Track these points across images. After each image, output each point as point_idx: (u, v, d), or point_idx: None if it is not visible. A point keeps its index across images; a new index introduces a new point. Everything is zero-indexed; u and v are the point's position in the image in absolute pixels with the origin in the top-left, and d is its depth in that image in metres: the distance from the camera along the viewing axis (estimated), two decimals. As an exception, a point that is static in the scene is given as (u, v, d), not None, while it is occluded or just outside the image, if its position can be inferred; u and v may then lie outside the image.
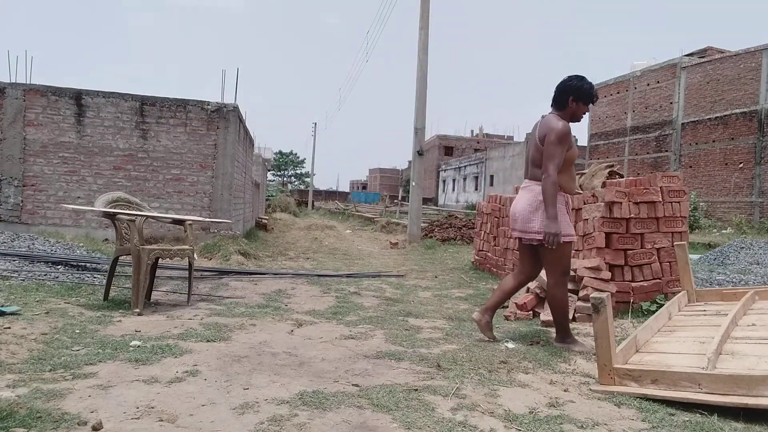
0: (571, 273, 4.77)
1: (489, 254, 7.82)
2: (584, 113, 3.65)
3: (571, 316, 4.39)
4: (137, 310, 4.22)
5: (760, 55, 21.18)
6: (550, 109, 3.67)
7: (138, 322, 3.91)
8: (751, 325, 3.43)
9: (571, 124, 3.58)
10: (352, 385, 2.72)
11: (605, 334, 2.75)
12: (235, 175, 9.56)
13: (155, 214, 5.27)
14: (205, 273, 6.67)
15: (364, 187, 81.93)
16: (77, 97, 8.78)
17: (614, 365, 2.77)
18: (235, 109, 9.32)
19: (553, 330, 4.15)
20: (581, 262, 4.83)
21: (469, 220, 13.76)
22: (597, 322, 2.77)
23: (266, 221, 15.81)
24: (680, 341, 3.29)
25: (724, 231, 17.82)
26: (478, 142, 56.79)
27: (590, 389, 2.80)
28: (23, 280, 5.04)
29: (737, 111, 21.76)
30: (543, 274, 4.84)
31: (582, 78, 3.60)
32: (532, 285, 4.88)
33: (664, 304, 4.21)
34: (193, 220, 5.38)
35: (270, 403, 2.42)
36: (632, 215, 4.81)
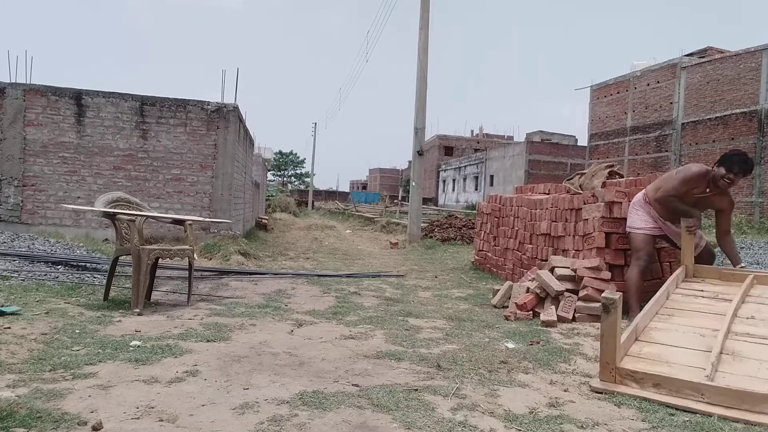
0: (572, 273, 4.79)
1: (489, 254, 7.82)
2: (722, 178, 4.20)
3: (570, 316, 4.40)
4: (137, 310, 4.22)
5: (760, 55, 21.17)
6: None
7: (138, 322, 3.91)
8: (750, 318, 3.40)
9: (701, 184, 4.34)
10: (352, 385, 2.72)
11: (612, 334, 2.73)
12: (235, 175, 9.56)
13: (155, 214, 5.27)
14: (205, 273, 6.67)
15: (364, 187, 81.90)
16: (77, 97, 8.78)
17: (617, 365, 2.76)
18: (235, 109, 9.32)
19: (553, 330, 4.17)
20: (581, 262, 4.83)
21: (469, 220, 13.76)
22: (605, 322, 2.74)
23: (266, 221, 15.82)
24: (679, 331, 3.27)
25: (724, 231, 17.77)
26: (478, 142, 56.78)
27: (590, 386, 2.79)
28: (23, 280, 5.04)
29: (737, 111, 21.75)
30: (543, 274, 4.84)
31: (739, 153, 4.29)
32: (531, 285, 4.88)
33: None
34: (193, 220, 5.38)
35: (270, 403, 2.42)
36: (632, 215, 4.80)
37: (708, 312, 3.54)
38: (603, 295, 2.78)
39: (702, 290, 4.02)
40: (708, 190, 4.37)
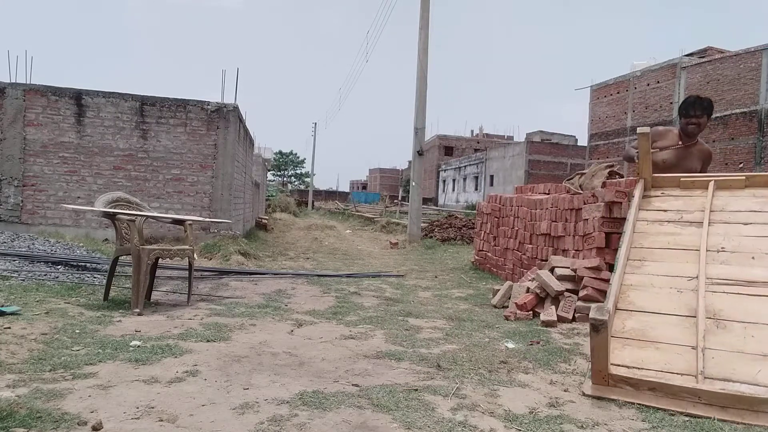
0: (572, 273, 4.79)
1: (489, 254, 7.83)
2: (687, 125, 4.52)
3: (570, 316, 4.40)
4: (137, 310, 4.22)
5: (760, 55, 21.19)
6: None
7: (138, 322, 3.91)
8: (721, 250, 3.28)
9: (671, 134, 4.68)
10: (352, 385, 2.72)
11: (602, 348, 2.65)
12: (235, 175, 9.56)
13: (155, 214, 5.27)
14: (205, 273, 6.67)
15: (364, 187, 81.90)
16: (77, 97, 8.78)
17: (610, 371, 2.67)
18: (235, 109, 9.32)
19: (553, 330, 4.16)
20: (581, 262, 4.83)
21: (469, 220, 13.76)
22: (595, 339, 2.63)
23: (266, 221, 15.82)
24: (655, 287, 3.17)
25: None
26: (478, 142, 56.79)
27: (582, 392, 2.72)
28: (23, 280, 5.04)
29: (737, 111, 21.77)
30: (543, 274, 4.84)
31: (692, 96, 4.50)
32: (531, 285, 4.88)
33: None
34: (193, 220, 5.38)
35: (270, 403, 2.42)
36: (632, 215, 4.80)
37: (677, 248, 3.41)
38: (591, 315, 2.63)
39: (665, 210, 3.81)
40: (681, 142, 4.54)
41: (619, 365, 2.74)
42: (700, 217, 3.60)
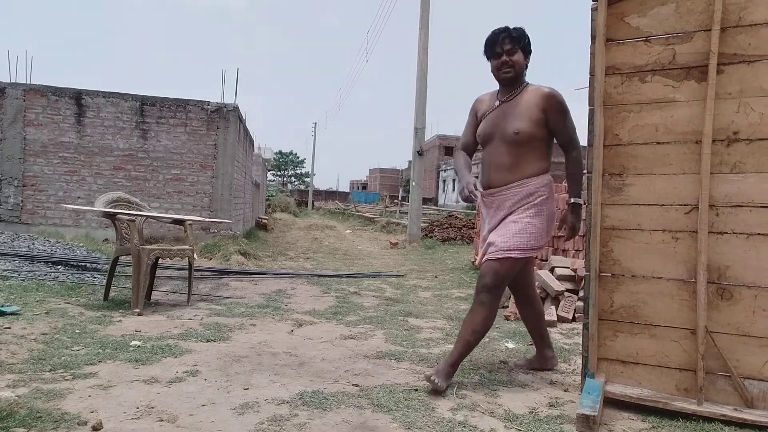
0: (572, 273, 4.79)
1: (489, 254, 7.82)
2: (497, 71, 2.97)
3: (570, 316, 4.40)
4: (137, 310, 4.22)
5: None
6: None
7: (138, 322, 3.91)
8: (733, 138, 2.38)
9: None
10: (352, 385, 2.72)
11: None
12: (235, 175, 9.56)
13: (155, 214, 5.27)
14: (205, 273, 6.67)
15: (364, 187, 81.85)
16: (77, 97, 8.78)
17: (606, 396, 2.51)
18: (235, 109, 9.32)
19: (553, 330, 4.16)
20: (581, 262, 4.83)
21: (469, 220, 13.77)
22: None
23: (266, 221, 15.82)
24: (644, 232, 2.55)
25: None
26: (478, 142, 56.71)
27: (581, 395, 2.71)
28: (23, 280, 5.04)
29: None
30: (543, 274, 4.85)
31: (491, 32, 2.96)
32: (532, 285, 4.88)
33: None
34: (193, 220, 5.38)
35: (270, 403, 2.42)
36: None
37: (669, 140, 2.50)
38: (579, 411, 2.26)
39: (646, 37, 2.53)
40: (500, 98, 3.01)
41: (613, 360, 2.63)
42: (704, 54, 2.40)
